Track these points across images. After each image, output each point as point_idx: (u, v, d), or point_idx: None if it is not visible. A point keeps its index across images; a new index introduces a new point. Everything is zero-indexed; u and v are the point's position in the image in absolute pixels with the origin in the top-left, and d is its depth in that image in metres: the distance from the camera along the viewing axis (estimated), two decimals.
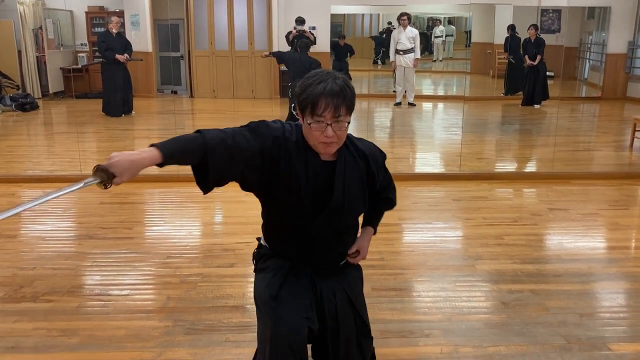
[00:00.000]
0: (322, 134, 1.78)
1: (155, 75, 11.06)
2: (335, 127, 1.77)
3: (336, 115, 1.76)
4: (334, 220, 1.90)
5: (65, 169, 5.66)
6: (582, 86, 12.49)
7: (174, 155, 1.73)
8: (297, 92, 1.81)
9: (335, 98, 1.75)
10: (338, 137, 1.80)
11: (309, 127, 1.78)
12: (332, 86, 1.75)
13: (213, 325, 2.72)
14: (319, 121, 1.76)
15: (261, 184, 1.85)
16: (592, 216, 4.36)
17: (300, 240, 1.93)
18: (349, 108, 1.80)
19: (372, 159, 1.97)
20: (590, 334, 2.65)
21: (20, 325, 2.71)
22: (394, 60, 9.99)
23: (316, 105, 1.75)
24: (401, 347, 2.53)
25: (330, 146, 1.81)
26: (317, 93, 1.75)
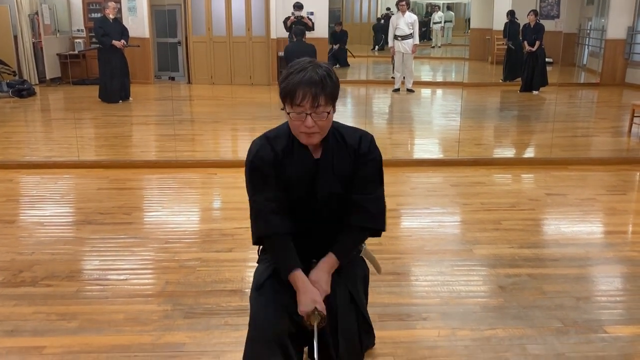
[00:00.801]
0: (302, 124, 1.77)
1: (153, 61, 11.00)
2: (315, 117, 1.76)
3: (315, 105, 1.74)
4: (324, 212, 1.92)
5: (63, 155, 5.65)
6: (581, 72, 12.46)
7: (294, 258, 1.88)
8: (279, 83, 1.81)
9: (314, 87, 1.73)
10: (319, 127, 1.79)
11: (290, 117, 1.79)
12: (312, 75, 1.73)
13: (212, 309, 2.73)
14: (299, 111, 1.76)
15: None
16: (590, 201, 4.37)
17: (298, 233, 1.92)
18: (330, 98, 1.77)
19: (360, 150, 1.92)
20: (587, 317, 2.66)
21: (20, 309, 2.72)
22: (392, 46, 9.94)
23: (295, 95, 1.74)
24: (399, 330, 2.55)
25: (312, 137, 1.81)
26: (296, 82, 1.73)
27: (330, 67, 1.81)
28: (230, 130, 7.40)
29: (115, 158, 5.61)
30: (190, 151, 5.94)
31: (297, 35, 7.85)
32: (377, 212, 1.94)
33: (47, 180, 4.93)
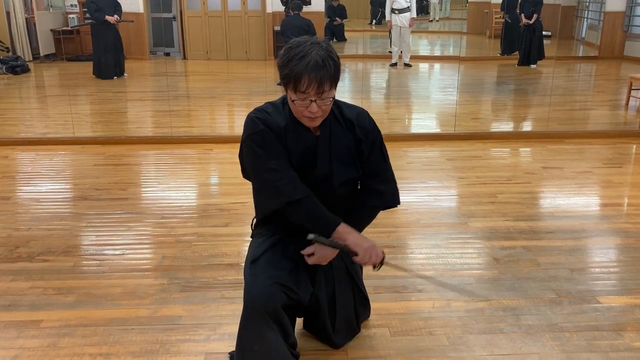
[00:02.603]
0: (307, 109, 1.76)
1: (147, 36, 10.89)
2: (319, 103, 1.75)
3: (320, 92, 1.73)
4: (324, 188, 1.90)
5: (58, 132, 5.62)
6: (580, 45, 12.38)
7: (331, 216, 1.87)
8: (279, 64, 1.76)
9: (319, 73, 1.69)
10: (323, 111, 1.79)
11: (293, 103, 1.77)
12: (316, 59, 1.69)
13: (208, 282, 2.75)
14: (303, 98, 1.74)
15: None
16: (586, 174, 4.37)
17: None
18: (333, 81, 1.75)
19: (358, 125, 1.92)
20: (581, 288, 2.69)
21: (17, 284, 2.73)
22: (389, 19, 9.85)
23: (299, 82, 1.71)
24: (394, 301, 2.57)
25: (315, 120, 1.81)
26: (300, 69, 1.69)
27: (330, 45, 1.77)
28: (226, 105, 7.36)
29: (111, 134, 5.59)
30: (186, 127, 5.92)
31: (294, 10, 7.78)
32: (391, 192, 2.00)
33: (43, 156, 4.92)
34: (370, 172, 1.96)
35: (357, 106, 1.99)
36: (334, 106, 1.87)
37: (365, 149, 1.92)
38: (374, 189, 1.97)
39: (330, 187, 1.92)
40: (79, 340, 2.29)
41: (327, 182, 1.90)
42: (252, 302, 1.85)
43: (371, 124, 1.96)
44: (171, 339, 2.30)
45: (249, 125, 1.87)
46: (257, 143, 1.83)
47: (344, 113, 1.92)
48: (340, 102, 1.95)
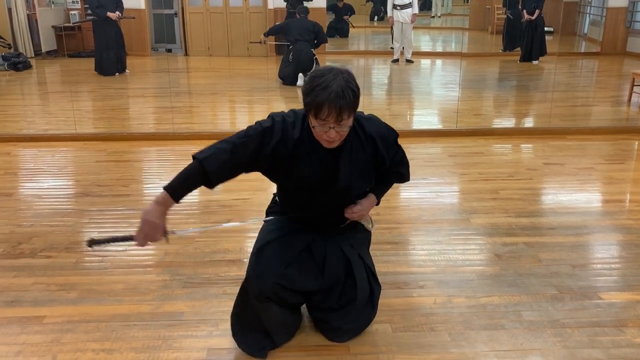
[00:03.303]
0: (325, 134, 1.87)
1: (149, 33, 10.88)
2: (338, 129, 1.86)
3: (339, 120, 1.84)
4: (340, 198, 2.09)
5: (60, 128, 5.63)
6: (582, 41, 12.35)
7: (184, 194, 1.98)
8: (303, 91, 1.87)
9: (339, 102, 1.80)
10: (340, 137, 1.90)
11: (314, 128, 1.88)
12: (337, 91, 1.80)
13: (210, 278, 2.75)
14: (323, 124, 1.85)
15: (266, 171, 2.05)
16: (588, 170, 4.37)
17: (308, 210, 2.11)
18: (352, 110, 1.86)
19: (381, 140, 2.05)
20: (582, 284, 2.69)
21: (20, 280, 2.74)
22: (391, 15, 9.83)
23: (320, 111, 1.82)
24: (395, 297, 2.57)
25: (333, 143, 1.92)
26: (322, 99, 1.80)
27: (351, 75, 1.88)
28: (228, 102, 7.35)
29: (113, 131, 5.59)
30: (188, 123, 5.91)
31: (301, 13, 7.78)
32: (406, 172, 2.27)
33: (45, 153, 4.93)
34: (393, 162, 2.16)
35: (373, 116, 2.12)
36: (354, 121, 1.95)
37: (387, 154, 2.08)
38: (396, 172, 2.22)
39: (347, 197, 2.11)
40: (81, 336, 2.30)
41: (345, 193, 2.07)
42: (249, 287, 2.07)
43: (388, 130, 2.11)
44: (173, 335, 2.31)
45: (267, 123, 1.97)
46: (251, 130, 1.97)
47: (365, 128, 2.03)
48: (359, 116, 2.03)
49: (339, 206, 2.13)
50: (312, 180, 2.01)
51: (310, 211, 2.11)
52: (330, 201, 2.08)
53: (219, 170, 1.94)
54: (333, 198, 2.07)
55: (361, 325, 2.30)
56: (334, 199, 2.08)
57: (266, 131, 1.94)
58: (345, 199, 2.12)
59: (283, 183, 2.13)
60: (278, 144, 1.93)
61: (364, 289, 2.22)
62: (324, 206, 2.09)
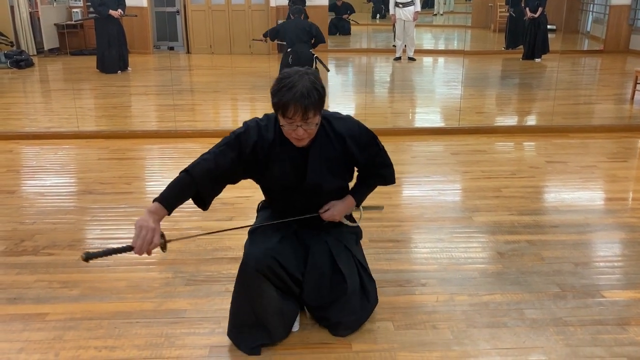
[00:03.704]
0: (294, 132, 1.97)
1: (151, 31, 10.88)
2: (305, 127, 1.95)
3: (305, 118, 1.93)
4: (312, 197, 2.17)
5: (62, 126, 5.64)
6: (585, 39, 12.32)
7: (175, 204, 2.04)
8: (271, 92, 1.96)
9: (304, 102, 1.89)
10: (308, 135, 2.00)
11: (283, 126, 1.98)
12: (302, 91, 1.89)
13: (212, 276, 2.75)
14: (290, 122, 1.94)
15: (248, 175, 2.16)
16: (590, 168, 4.36)
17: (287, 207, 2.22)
18: (318, 109, 1.95)
19: (351, 140, 2.11)
20: (585, 282, 2.68)
21: (22, 277, 2.75)
22: (393, 13, 9.81)
23: (287, 110, 1.91)
24: (397, 295, 2.57)
25: (302, 141, 2.02)
26: (287, 99, 1.90)
27: (316, 76, 1.97)
28: (230, 100, 7.35)
29: (115, 128, 5.60)
30: (190, 121, 5.92)
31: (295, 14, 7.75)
32: (390, 175, 2.30)
33: (47, 150, 4.93)
34: (371, 162, 2.21)
35: (347, 117, 2.18)
36: (324, 120, 2.07)
37: (360, 154, 2.14)
38: (376, 173, 2.27)
39: (319, 195, 2.18)
40: (84, 334, 2.30)
41: (316, 191, 2.15)
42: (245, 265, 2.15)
43: (361, 130, 2.15)
44: (176, 333, 2.31)
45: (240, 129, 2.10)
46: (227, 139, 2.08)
47: (335, 127, 2.11)
48: (330, 115, 2.13)
49: (317, 204, 2.21)
50: (285, 179, 2.12)
51: (290, 208, 2.21)
52: (305, 199, 2.17)
53: (205, 177, 2.03)
54: (307, 196, 2.16)
55: (360, 318, 2.30)
56: (309, 196, 2.16)
57: (241, 136, 2.05)
58: (320, 196, 2.19)
59: (261, 183, 2.23)
60: (255, 145, 2.04)
61: (353, 279, 2.24)
62: (302, 204, 2.19)
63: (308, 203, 2.19)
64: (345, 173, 2.21)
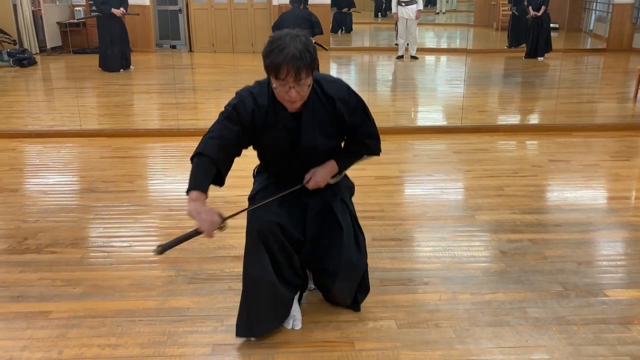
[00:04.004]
0: (287, 94, 1.97)
1: (153, 29, 10.89)
2: (297, 89, 1.96)
3: (298, 79, 1.93)
4: (309, 157, 2.19)
5: (65, 124, 5.64)
6: (587, 38, 12.29)
7: (207, 185, 2.06)
8: (263, 54, 1.96)
9: (296, 63, 1.90)
10: (301, 97, 2.01)
11: (275, 89, 1.99)
12: (293, 52, 1.89)
13: (215, 274, 2.76)
14: (283, 84, 1.95)
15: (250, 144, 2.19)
16: (593, 167, 4.35)
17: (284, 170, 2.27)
18: (310, 70, 1.95)
19: (341, 102, 2.12)
20: (588, 281, 2.68)
21: (25, 275, 2.75)
22: (395, 12, 9.80)
23: (279, 71, 1.92)
24: (400, 294, 2.57)
25: (294, 104, 2.03)
26: (279, 60, 1.90)
27: (308, 38, 1.97)
28: None
29: (118, 127, 5.60)
30: (193, 119, 5.92)
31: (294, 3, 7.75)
32: (373, 144, 2.28)
33: (50, 149, 4.94)
34: (357, 129, 2.22)
35: (337, 80, 2.18)
36: (315, 83, 2.07)
37: (348, 117, 2.14)
38: (361, 142, 2.27)
39: (315, 156, 2.20)
40: (87, 331, 2.31)
41: (312, 152, 2.17)
42: (250, 230, 2.21)
43: (351, 94, 2.15)
44: (178, 331, 2.31)
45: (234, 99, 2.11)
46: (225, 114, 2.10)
47: (325, 90, 2.11)
48: (322, 78, 2.13)
49: (312, 165, 2.23)
50: (279, 144, 2.15)
51: (286, 171, 2.26)
52: (300, 161, 2.20)
53: (219, 153, 2.05)
54: (302, 158, 2.19)
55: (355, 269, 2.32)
56: (304, 159, 2.19)
57: (238, 107, 2.06)
58: (316, 157, 2.21)
59: (256, 148, 2.25)
60: (253, 113, 2.06)
61: (348, 230, 2.27)
62: (297, 167, 2.22)
63: (304, 165, 2.22)
64: (338, 134, 2.22)
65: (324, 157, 2.23)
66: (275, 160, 2.25)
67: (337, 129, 2.18)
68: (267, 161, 2.31)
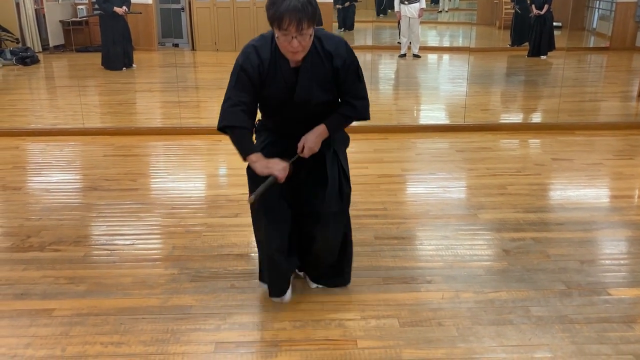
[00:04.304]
0: (289, 45, 2.07)
1: (156, 28, 10.88)
2: (299, 39, 2.06)
3: (299, 29, 2.03)
4: (303, 108, 2.27)
5: (68, 123, 5.65)
6: (590, 36, 12.27)
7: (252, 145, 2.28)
8: (266, 6, 2.06)
9: (298, 14, 1.99)
10: (303, 47, 2.11)
11: (278, 39, 2.09)
12: (295, 4, 1.99)
13: (218, 272, 2.76)
14: (285, 34, 2.04)
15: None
16: (596, 166, 4.35)
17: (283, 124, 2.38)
18: (311, 21, 2.05)
19: (337, 56, 2.22)
20: (591, 280, 2.68)
21: (29, 273, 2.76)
22: (398, 10, 9.79)
23: (281, 21, 2.01)
24: (403, 292, 2.57)
25: (297, 54, 2.13)
26: (282, 11, 2.00)
27: None
28: None
29: (120, 125, 5.61)
30: (195, 118, 5.92)
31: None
32: (363, 107, 2.35)
33: (53, 147, 4.95)
34: (347, 90, 2.30)
35: (337, 37, 2.30)
36: (315, 39, 2.17)
37: (342, 73, 2.24)
38: (349, 103, 2.33)
39: (308, 107, 2.27)
40: (90, 329, 2.31)
41: (305, 104, 2.25)
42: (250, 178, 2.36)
43: (348, 52, 2.25)
44: (181, 329, 2.32)
45: (240, 58, 2.20)
46: (236, 76, 2.20)
47: (324, 45, 2.21)
48: (322, 34, 2.24)
49: (307, 117, 2.31)
50: (278, 96, 2.24)
51: (284, 124, 2.37)
52: (297, 113, 2.29)
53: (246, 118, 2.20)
54: (298, 110, 2.27)
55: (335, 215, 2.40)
56: (301, 111, 2.28)
57: (245, 65, 2.17)
58: (311, 111, 2.29)
59: (259, 100, 2.30)
60: (259, 67, 2.17)
61: (333, 181, 2.36)
62: (295, 120, 2.31)
63: (299, 118, 2.31)
64: (334, 88, 2.29)
65: (318, 111, 2.31)
66: (273, 112, 2.35)
67: (334, 83, 2.27)
68: (266, 113, 2.41)
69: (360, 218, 3.31)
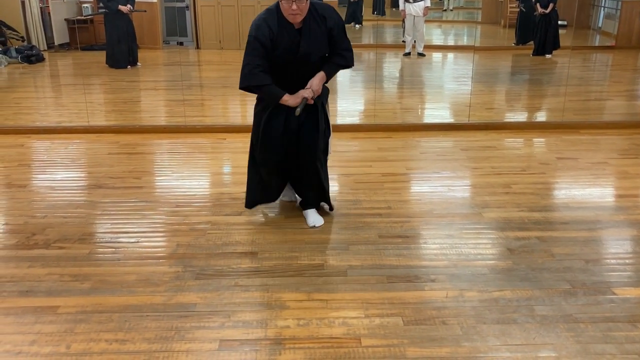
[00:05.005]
0: (290, 7, 2.78)
1: (161, 26, 10.90)
2: (298, 4, 2.78)
3: None
4: (305, 61, 2.96)
5: (73, 120, 5.67)
6: (596, 35, 12.21)
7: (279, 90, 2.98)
8: None
9: None
10: (301, 10, 2.81)
11: (281, 4, 2.81)
12: None
13: (222, 270, 2.76)
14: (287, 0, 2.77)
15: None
16: (601, 165, 4.33)
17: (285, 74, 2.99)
18: None
19: (329, 19, 2.95)
20: (595, 279, 2.67)
21: (34, 270, 2.77)
22: (403, 8, 9.77)
23: None
24: (407, 291, 2.57)
25: (296, 17, 2.83)
26: None
27: None
28: (239, 95, 7.33)
29: (125, 123, 5.62)
30: (200, 116, 5.93)
31: None
32: (349, 56, 3.10)
33: (58, 145, 4.96)
34: (339, 44, 3.03)
35: (327, 5, 3.02)
36: (311, 6, 2.88)
37: (335, 32, 2.98)
38: (340, 54, 3.07)
39: (309, 60, 2.98)
40: (95, 327, 2.32)
41: (307, 57, 2.95)
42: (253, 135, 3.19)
43: (337, 16, 3.01)
44: (186, 326, 2.32)
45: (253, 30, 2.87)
46: (251, 45, 2.88)
47: (319, 11, 2.93)
48: (316, 3, 2.93)
49: (307, 71, 2.99)
50: (284, 54, 2.89)
51: (288, 76, 2.97)
52: (298, 67, 2.96)
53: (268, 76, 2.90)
54: (300, 64, 2.95)
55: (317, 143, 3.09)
56: (301, 64, 2.96)
57: (259, 35, 2.83)
58: (310, 63, 2.98)
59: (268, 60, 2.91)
60: (270, 35, 2.83)
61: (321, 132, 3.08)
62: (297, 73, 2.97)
63: (300, 70, 2.98)
64: (327, 45, 3.00)
65: (316, 63, 3.00)
66: (279, 68, 2.94)
67: (326, 41, 2.97)
68: (273, 72, 2.92)
69: (364, 216, 3.31)
